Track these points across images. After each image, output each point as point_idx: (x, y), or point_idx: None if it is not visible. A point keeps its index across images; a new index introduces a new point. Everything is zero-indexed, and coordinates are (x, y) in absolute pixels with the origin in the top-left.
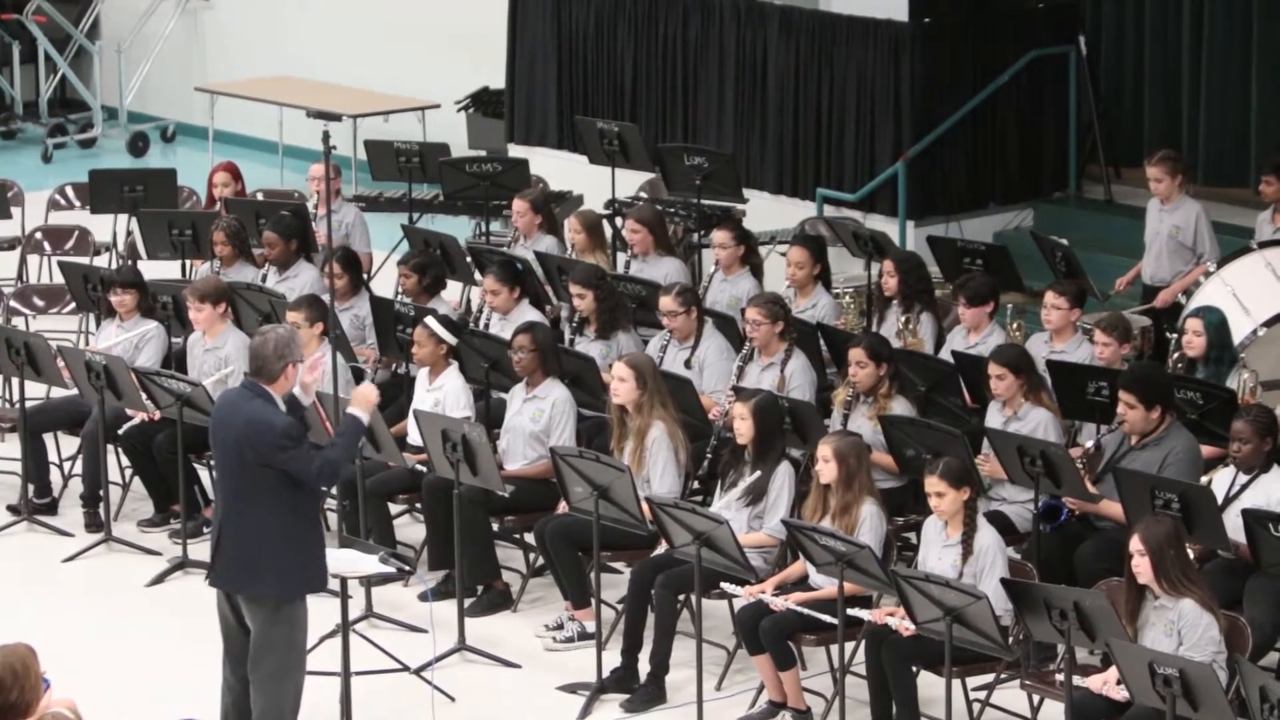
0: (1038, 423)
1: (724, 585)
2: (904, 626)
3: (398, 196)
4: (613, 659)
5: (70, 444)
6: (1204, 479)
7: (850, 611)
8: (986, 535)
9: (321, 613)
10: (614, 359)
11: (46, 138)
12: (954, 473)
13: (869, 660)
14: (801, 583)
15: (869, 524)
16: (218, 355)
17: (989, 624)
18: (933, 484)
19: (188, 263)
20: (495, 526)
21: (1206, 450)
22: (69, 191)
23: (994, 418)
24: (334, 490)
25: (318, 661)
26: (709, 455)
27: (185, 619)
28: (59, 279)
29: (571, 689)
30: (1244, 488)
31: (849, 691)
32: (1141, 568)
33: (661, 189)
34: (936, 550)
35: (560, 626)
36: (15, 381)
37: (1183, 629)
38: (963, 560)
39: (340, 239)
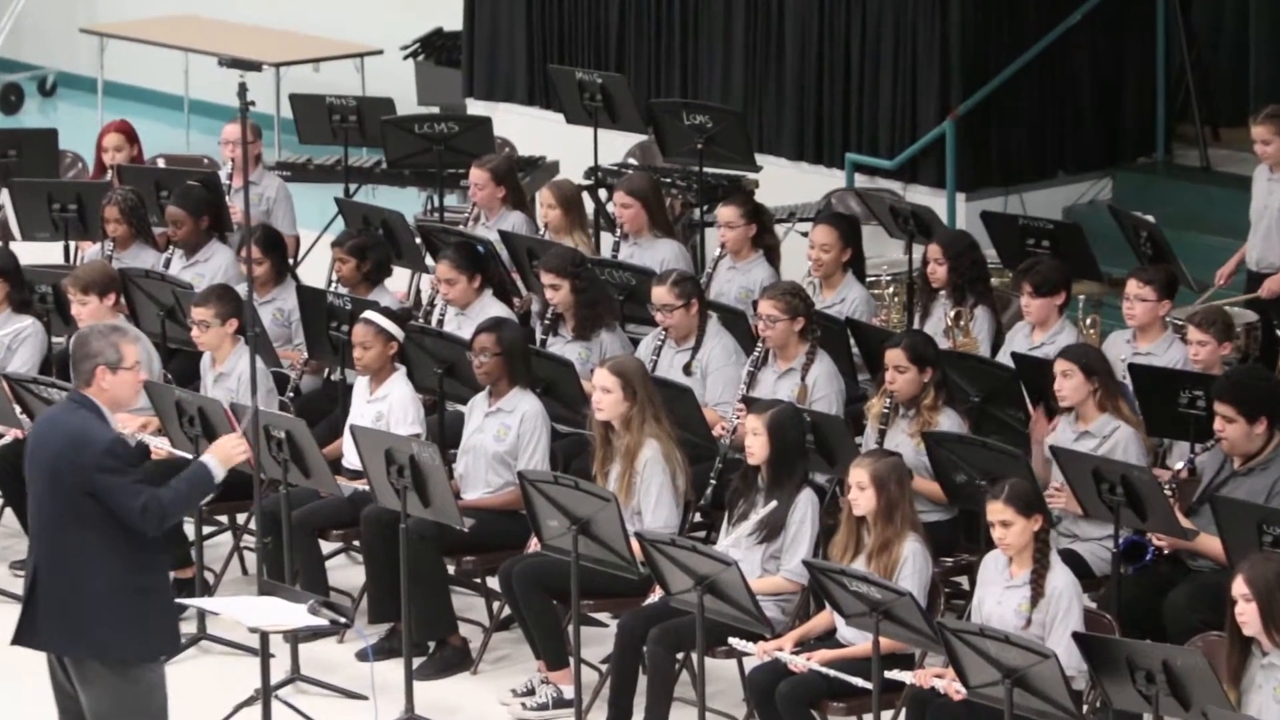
0: (1117, 440)
1: (732, 641)
2: (953, 690)
3: (330, 164)
4: None
5: None
6: None
7: (888, 675)
8: (1061, 576)
9: (238, 675)
10: (596, 364)
11: None
12: (1022, 497)
13: None
14: (828, 638)
15: (911, 565)
16: None
17: (1058, 688)
18: (996, 511)
19: (72, 245)
20: (451, 569)
21: None
22: None
23: (1063, 433)
24: (251, 524)
25: None
26: (713, 481)
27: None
28: None
29: None
30: None
31: None
32: (1247, 616)
33: (655, 154)
34: (996, 592)
35: (531, 692)
36: None
37: None
38: (1031, 604)
39: (260, 215)
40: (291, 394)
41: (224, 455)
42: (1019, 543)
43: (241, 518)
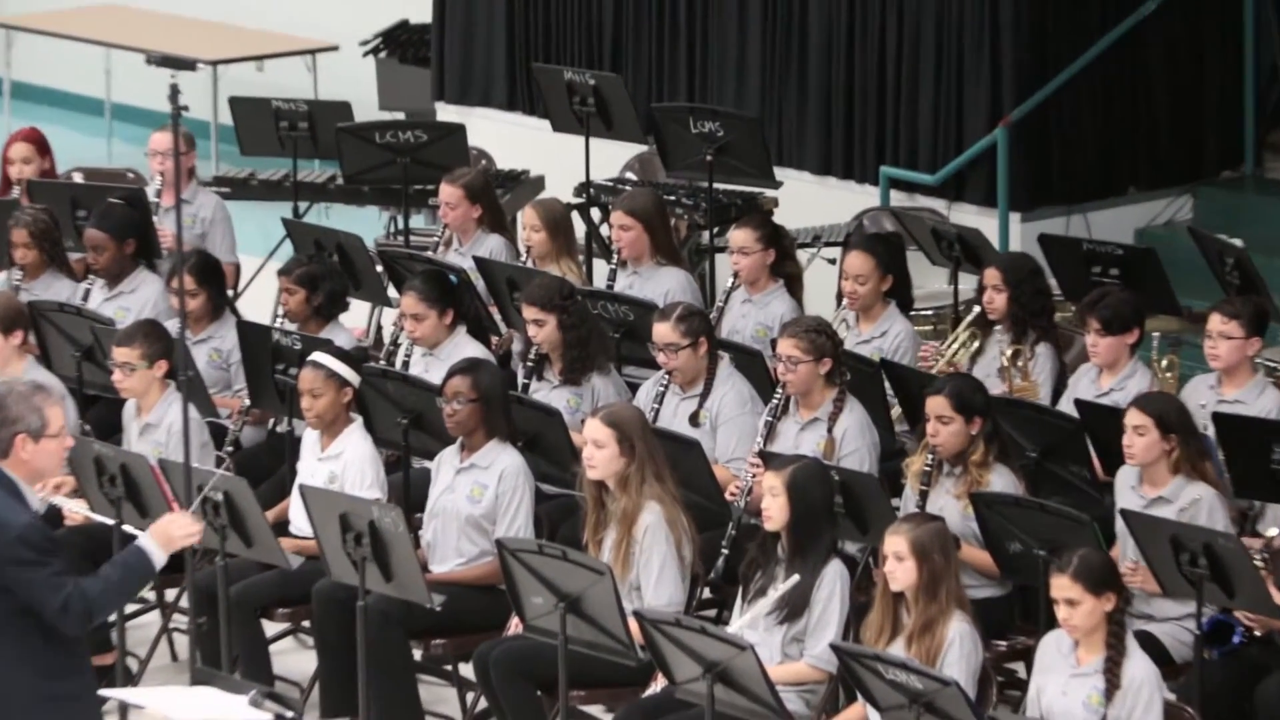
0: (1195, 502)
1: None
2: None
3: (277, 179)
4: None
5: None
6: None
7: None
8: (1140, 666)
9: None
10: (587, 413)
11: None
12: (1093, 572)
13: None
14: None
15: (958, 649)
16: None
17: None
18: (1062, 587)
19: None
20: (418, 654)
21: None
22: None
23: (1128, 495)
24: (183, 601)
25: None
26: (725, 551)
27: None
28: None
29: None
30: None
31: None
32: None
33: (657, 168)
34: (1060, 681)
35: None
36: None
37: None
38: (1105, 698)
39: (194, 239)
40: (230, 448)
41: (165, 537)
42: (1087, 624)
43: (171, 594)
